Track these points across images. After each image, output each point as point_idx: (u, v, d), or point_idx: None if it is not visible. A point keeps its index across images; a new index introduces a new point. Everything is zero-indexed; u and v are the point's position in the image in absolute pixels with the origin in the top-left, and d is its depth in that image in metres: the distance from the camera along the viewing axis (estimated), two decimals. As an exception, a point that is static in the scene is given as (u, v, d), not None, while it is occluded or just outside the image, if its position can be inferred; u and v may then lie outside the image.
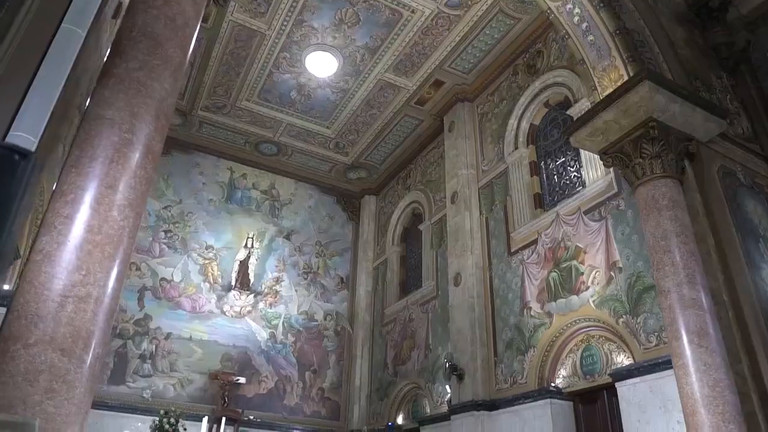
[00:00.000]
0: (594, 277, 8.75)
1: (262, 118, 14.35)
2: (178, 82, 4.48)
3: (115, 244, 3.60)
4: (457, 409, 10.29)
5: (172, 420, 9.68)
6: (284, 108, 14.01)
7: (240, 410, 12.60)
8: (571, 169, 10.22)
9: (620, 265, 8.34)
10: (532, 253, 10.12)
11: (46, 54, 3.45)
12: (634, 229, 8.27)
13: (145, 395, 11.92)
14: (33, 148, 3.12)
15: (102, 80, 4.09)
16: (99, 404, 11.57)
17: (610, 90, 7.51)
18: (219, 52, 12.41)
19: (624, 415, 7.63)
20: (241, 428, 12.51)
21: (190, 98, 13.87)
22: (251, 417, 12.92)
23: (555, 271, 9.52)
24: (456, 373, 10.56)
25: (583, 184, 9.67)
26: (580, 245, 9.17)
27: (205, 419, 7.32)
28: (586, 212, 9.22)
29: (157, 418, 9.99)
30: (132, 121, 3.94)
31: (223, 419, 11.47)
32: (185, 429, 8.53)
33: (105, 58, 4.28)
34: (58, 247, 3.39)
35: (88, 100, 4.10)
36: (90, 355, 3.33)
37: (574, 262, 9.18)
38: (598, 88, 7.94)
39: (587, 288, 8.81)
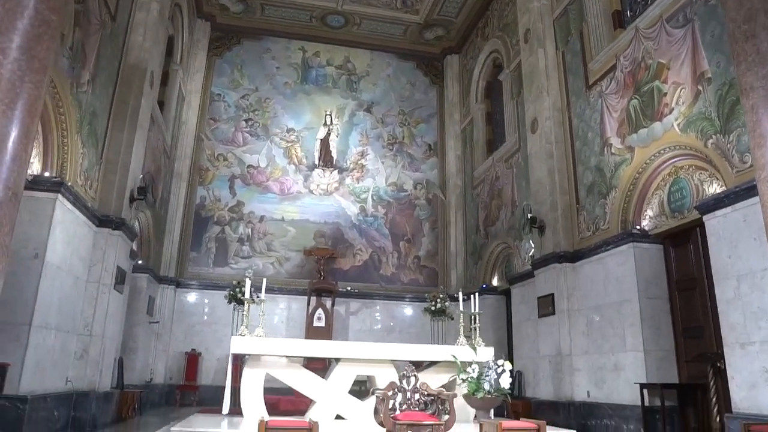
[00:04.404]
0: (678, 96, 7.27)
1: (320, -15, 13.49)
2: None
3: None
4: (539, 263, 9.66)
5: (244, 290, 10.17)
6: (339, -31, 12.99)
7: (334, 282, 13.04)
8: (655, -30, 8.33)
9: (709, 75, 6.79)
10: (611, 81, 8.68)
11: None
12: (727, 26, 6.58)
13: (247, 274, 12.62)
14: None
15: None
16: (209, 285, 12.69)
17: None
18: None
19: (713, 251, 6.50)
20: (337, 299, 13.01)
21: (245, -22, 13.35)
22: (348, 288, 13.37)
23: (635, 98, 8.10)
24: (536, 225, 9.80)
25: (668, -15, 7.85)
26: (662, 60, 7.61)
27: (264, 281, 7.44)
28: (668, 19, 7.53)
29: (231, 290, 10.66)
30: (11, -44, 3.58)
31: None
32: (258, 296, 8.92)
33: None
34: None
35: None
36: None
37: (656, 83, 7.69)
38: None
39: (671, 110, 7.38)
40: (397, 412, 5.01)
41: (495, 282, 12.60)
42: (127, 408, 8.44)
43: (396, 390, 5.11)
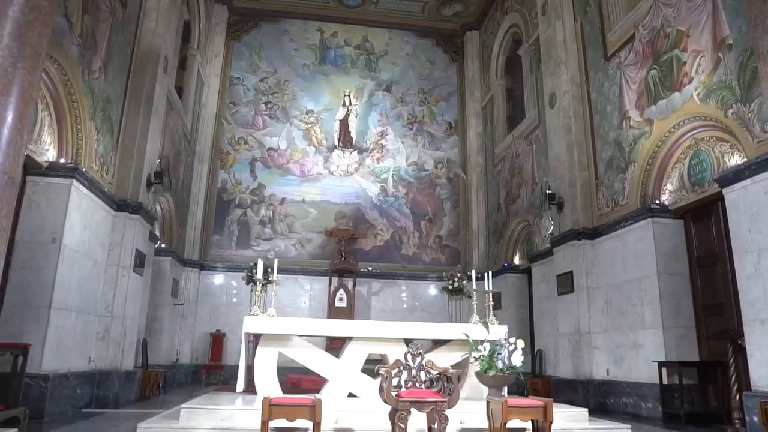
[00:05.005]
0: (698, 65, 7.00)
1: (335, -36, 13.34)
2: None
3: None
4: (558, 240, 9.51)
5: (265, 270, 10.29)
6: (354, -53, 12.80)
7: (355, 263, 13.10)
8: (675, -67, 7.98)
9: (730, 41, 6.51)
10: (629, 52, 8.41)
11: None
12: (748, -11, 6.27)
13: (269, 256, 12.80)
14: None
15: None
16: (232, 267, 12.87)
17: None
18: None
19: (733, 225, 6.29)
20: (359, 279, 13.08)
21: (260, -41, 13.28)
22: (369, 268, 13.42)
23: (654, 68, 7.83)
24: (554, 202, 9.64)
25: (688, -52, 7.51)
26: (681, 28, 7.32)
27: (276, 261, 7.49)
28: (688, -16, 7.22)
29: (248, 271, 10.81)
30: (0, -56, 3.63)
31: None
32: (270, 277, 9.04)
33: None
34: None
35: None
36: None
37: (676, 52, 7.41)
38: None
39: (690, 80, 7.11)
40: (403, 389, 5.02)
41: (517, 260, 12.47)
42: (151, 387, 8.68)
43: (401, 368, 5.12)
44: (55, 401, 6.21)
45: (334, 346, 9.47)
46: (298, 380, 8.48)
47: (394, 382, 5.06)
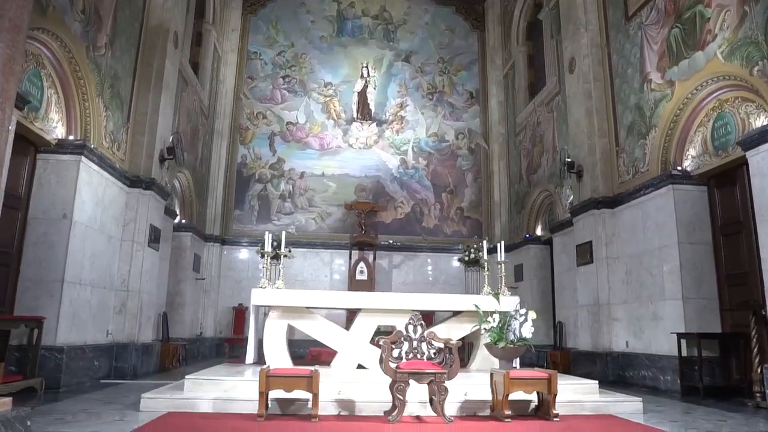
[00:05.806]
0: (723, 20, 6.59)
1: (350, -69, 13.02)
2: None
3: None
4: (577, 209, 9.25)
5: (274, 243, 10.33)
6: None
7: (375, 235, 13.05)
8: None
9: (756, -7, 6.09)
10: (651, 10, 7.98)
11: None
12: (776, -65, 5.83)
13: (290, 230, 12.90)
14: None
15: None
16: (253, 242, 12.95)
17: None
18: None
19: (756, 191, 5.98)
20: (380, 252, 13.04)
21: (274, -71, 13.05)
22: (390, 241, 13.36)
23: (677, 26, 7.41)
24: (574, 171, 9.34)
25: None
26: (705, -18, 6.88)
27: (284, 234, 7.52)
28: (712, -68, 6.76)
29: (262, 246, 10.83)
30: None
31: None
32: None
33: None
34: None
35: None
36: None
37: (699, 7, 6.99)
38: None
39: (714, 37, 6.71)
40: (404, 360, 4.97)
41: (539, 231, 12.22)
42: (171, 359, 8.87)
43: (402, 339, 5.06)
44: (72, 372, 6.39)
45: (353, 318, 9.48)
46: (318, 353, 8.54)
47: (395, 353, 5.01)
